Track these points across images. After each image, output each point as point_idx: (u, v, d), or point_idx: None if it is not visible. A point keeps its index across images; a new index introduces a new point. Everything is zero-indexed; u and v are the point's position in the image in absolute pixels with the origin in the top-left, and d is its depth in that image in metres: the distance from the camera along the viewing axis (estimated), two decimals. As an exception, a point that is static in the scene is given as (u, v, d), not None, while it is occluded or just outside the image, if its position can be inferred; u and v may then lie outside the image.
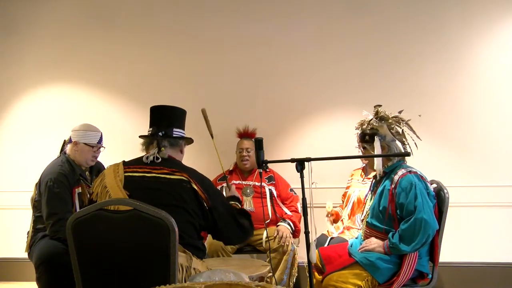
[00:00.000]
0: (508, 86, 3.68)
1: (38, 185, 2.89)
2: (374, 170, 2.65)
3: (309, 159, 2.09)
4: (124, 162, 2.17)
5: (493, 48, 3.71)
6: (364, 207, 2.80)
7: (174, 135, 2.22)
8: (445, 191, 2.60)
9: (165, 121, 2.23)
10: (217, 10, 4.10)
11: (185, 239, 1.96)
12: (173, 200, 1.98)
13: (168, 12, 4.17)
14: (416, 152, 2.57)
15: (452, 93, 3.75)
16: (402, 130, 2.61)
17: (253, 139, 3.52)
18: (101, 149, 3.05)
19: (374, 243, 2.51)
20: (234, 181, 3.56)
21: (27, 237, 2.94)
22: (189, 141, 2.34)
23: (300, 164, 2.09)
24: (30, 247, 2.86)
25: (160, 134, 2.18)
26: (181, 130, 2.28)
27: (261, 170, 2.22)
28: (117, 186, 2.02)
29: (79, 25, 4.27)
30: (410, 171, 2.49)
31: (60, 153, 3.04)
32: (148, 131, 2.26)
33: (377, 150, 2.52)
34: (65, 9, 4.30)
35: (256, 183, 3.48)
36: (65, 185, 2.82)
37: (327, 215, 3.42)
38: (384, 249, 2.46)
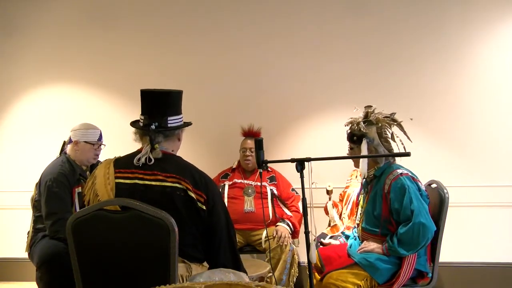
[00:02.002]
0: (508, 86, 3.68)
1: (38, 185, 2.89)
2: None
3: (309, 159, 2.09)
4: (115, 162, 2.00)
5: (493, 48, 3.71)
6: (357, 210, 2.79)
7: (169, 126, 2.00)
8: (445, 191, 2.60)
9: (159, 109, 1.98)
10: (217, 11, 4.10)
11: (185, 250, 1.87)
12: (169, 212, 1.80)
13: (168, 12, 4.16)
14: (416, 152, 2.57)
15: (452, 93, 3.75)
16: (392, 133, 2.58)
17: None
18: (102, 146, 3.05)
19: (373, 244, 2.51)
20: (236, 180, 3.55)
21: (27, 237, 2.94)
22: (187, 125, 2.11)
23: (300, 164, 2.08)
24: (31, 247, 2.86)
25: (153, 127, 1.94)
26: (177, 117, 2.03)
27: (261, 170, 2.21)
28: (108, 196, 1.91)
29: (79, 25, 4.27)
30: (401, 173, 2.46)
31: (60, 154, 3.04)
32: (140, 118, 2.04)
33: (364, 152, 2.52)
34: (65, 9, 4.30)
35: (258, 183, 3.48)
36: (64, 185, 2.81)
37: (329, 199, 3.43)
38: (383, 251, 2.46)
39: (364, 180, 2.73)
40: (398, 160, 2.63)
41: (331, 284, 2.44)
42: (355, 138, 2.59)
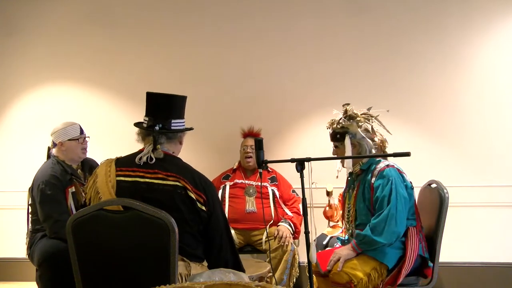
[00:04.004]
0: (508, 86, 3.68)
1: (31, 189, 2.88)
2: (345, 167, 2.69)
3: (309, 159, 2.10)
4: (116, 161, 2.04)
5: (492, 47, 3.70)
6: (344, 205, 2.78)
7: (172, 128, 2.05)
8: (445, 191, 2.60)
9: (163, 111, 2.04)
10: (216, 11, 4.10)
11: (184, 249, 1.89)
12: (168, 210, 1.82)
13: (168, 12, 4.16)
14: (416, 152, 2.57)
15: (452, 92, 3.74)
16: (372, 126, 2.63)
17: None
18: (87, 139, 3.04)
19: (341, 250, 2.50)
20: (237, 180, 3.55)
21: (26, 238, 2.93)
22: (189, 129, 2.17)
23: (300, 164, 2.09)
24: (30, 247, 2.86)
25: (157, 128, 2.00)
26: (180, 121, 2.10)
27: (261, 170, 2.22)
28: (109, 193, 1.93)
29: (79, 24, 4.26)
30: (387, 165, 2.51)
31: (47, 159, 3.02)
32: (144, 120, 2.09)
33: (348, 148, 2.57)
34: (65, 8, 4.29)
35: (259, 183, 3.48)
36: (57, 187, 2.81)
37: (328, 201, 3.43)
38: (354, 249, 2.46)
39: (349, 177, 2.75)
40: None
41: (341, 272, 2.41)
42: (338, 136, 2.64)
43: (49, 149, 3.03)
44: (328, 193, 3.45)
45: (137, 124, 2.13)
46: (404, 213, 2.43)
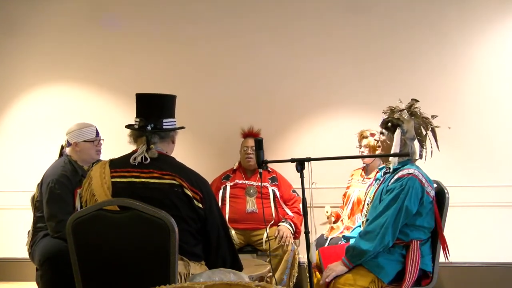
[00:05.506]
0: (508, 86, 3.68)
1: (40, 185, 2.89)
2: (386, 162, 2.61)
3: (309, 159, 2.10)
4: (110, 162, 2.04)
5: (491, 47, 3.70)
6: (365, 198, 2.74)
7: (164, 127, 2.07)
8: (445, 191, 2.60)
9: (154, 111, 2.06)
10: (216, 11, 4.10)
11: (183, 247, 1.89)
12: (166, 208, 1.83)
13: (167, 12, 4.16)
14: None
15: (452, 92, 3.74)
16: (426, 133, 2.54)
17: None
18: (101, 141, 3.05)
19: (334, 266, 2.42)
20: (238, 180, 3.56)
21: (28, 236, 2.94)
22: (180, 128, 2.19)
23: (300, 164, 2.09)
24: (31, 246, 2.86)
25: (149, 128, 2.01)
26: (171, 120, 2.11)
27: (261, 170, 2.22)
28: (105, 195, 1.93)
29: (78, 24, 4.26)
30: (410, 173, 2.41)
31: (60, 157, 3.03)
32: (135, 121, 2.10)
33: (396, 142, 2.47)
34: (64, 8, 4.29)
35: (259, 183, 3.48)
36: (66, 187, 2.82)
37: (327, 220, 3.42)
38: (345, 264, 2.39)
39: (380, 170, 2.68)
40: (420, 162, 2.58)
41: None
42: (389, 124, 2.52)
43: (62, 147, 3.05)
44: (328, 218, 3.40)
45: (128, 126, 2.14)
46: (398, 226, 2.34)
